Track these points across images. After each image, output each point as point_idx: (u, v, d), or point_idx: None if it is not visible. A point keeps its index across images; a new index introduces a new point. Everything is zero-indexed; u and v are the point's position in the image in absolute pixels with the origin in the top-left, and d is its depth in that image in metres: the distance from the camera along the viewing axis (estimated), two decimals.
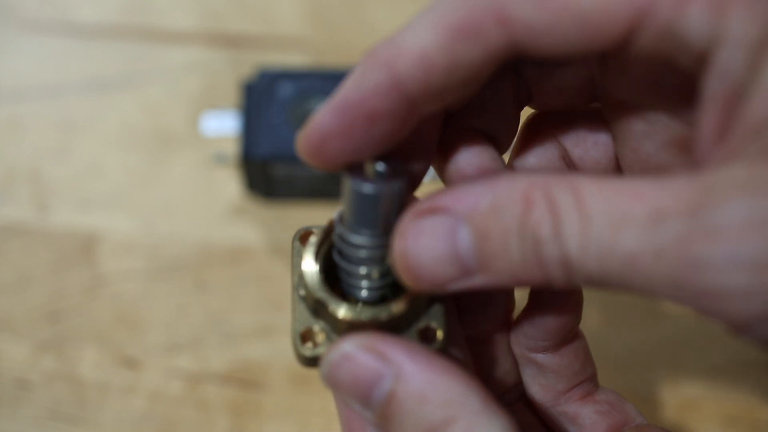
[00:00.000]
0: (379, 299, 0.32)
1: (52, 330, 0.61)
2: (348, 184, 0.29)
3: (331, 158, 0.29)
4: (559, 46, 0.26)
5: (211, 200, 0.66)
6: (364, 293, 0.32)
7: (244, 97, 0.62)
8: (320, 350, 0.31)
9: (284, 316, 0.62)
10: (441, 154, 0.33)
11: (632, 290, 0.25)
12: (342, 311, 0.31)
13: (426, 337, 0.31)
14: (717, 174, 0.24)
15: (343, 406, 0.31)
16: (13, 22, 0.72)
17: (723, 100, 0.25)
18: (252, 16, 0.72)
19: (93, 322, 0.62)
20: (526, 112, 0.35)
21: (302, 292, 0.32)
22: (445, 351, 0.32)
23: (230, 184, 0.66)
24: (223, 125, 0.63)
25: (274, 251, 0.64)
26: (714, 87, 0.25)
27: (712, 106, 0.25)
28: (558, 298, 0.34)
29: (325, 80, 0.62)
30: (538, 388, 0.36)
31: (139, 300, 0.62)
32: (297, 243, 0.33)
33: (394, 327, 0.31)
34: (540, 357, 0.36)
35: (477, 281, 0.27)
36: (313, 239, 0.33)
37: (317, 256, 0.32)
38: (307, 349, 0.31)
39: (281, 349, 0.61)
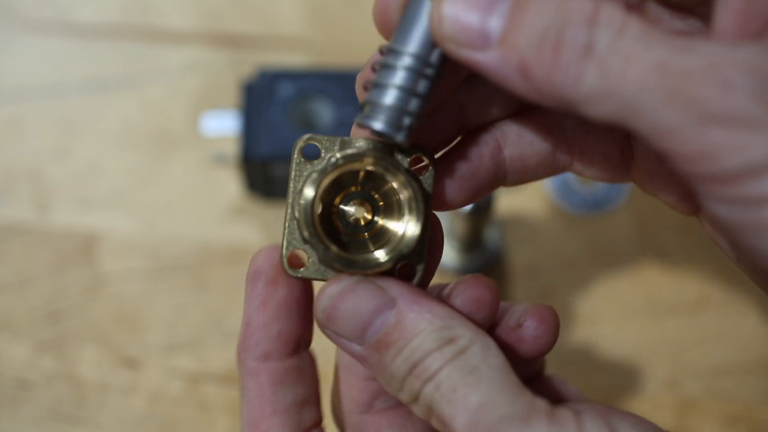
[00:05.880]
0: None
1: (52, 330, 0.61)
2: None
3: None
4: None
5: (211, 200, 0.66)
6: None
7: (244, 97, 0.62)
8: (305, 272, 0.32)
9: None
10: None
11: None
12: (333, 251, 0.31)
13: (405, 274, 0.33)
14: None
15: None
16: (13, 22, 0.72)
17: None
18: (252, 16, 0.72)
19: (93, 322, 0.62)
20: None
21: (297, 215, 0.32)
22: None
23: (230, 184, 0.66)
24: (223, 125, 0.63)
25: None
26: None
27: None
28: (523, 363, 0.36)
29: (325, 80, 0.62)
30: None
31: (139, 300, 0.62)
32: (297, 156, 0.33)
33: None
34: None
35: None
36: (316, 167, 0.33)
37: (319, 186, 0.32)
38: (293, 270, 0.33)
39: None
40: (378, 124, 0.30)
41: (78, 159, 0.67)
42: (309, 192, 0.32)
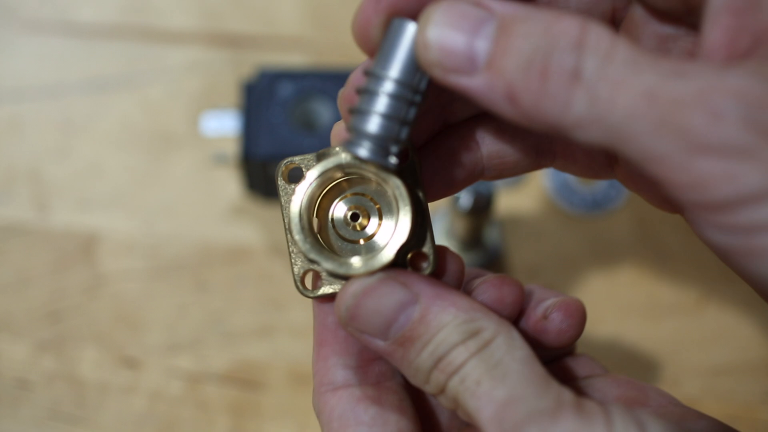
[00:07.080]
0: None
1: (52, 330, 0.61)
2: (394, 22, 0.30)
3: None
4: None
5: (211, 200, 0.66)
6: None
7: (244, 97, 0.62)
8: (322, 290, 0.33)
9: (284, 316, 0.62)
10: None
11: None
12: (334, 266, 0.31)
13: (416, 264, 0.33)
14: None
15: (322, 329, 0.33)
16: (13, 22, 0.72)
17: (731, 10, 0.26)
18: (252, 16, 0.72)
19: (93, 322, 0.62)
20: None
21: (295, 236, 0.32)
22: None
23: (230, 184, 0.66)
24: (223, 125, 0.63)
25: (274, 251, 0.64)
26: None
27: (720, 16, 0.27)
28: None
29: (325, 80, 0.62)
30: None
31: (139, 300, 0.62)
32: (281, 180, 0.33)
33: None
34: None
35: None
36: (300, 185, 0.32)
37: (303, 203, 0.32)
38: (309, 291, 0.33)
39: (281, 349, 0.61)
40: (364, 152, 0.30)
41: (78, 159, 0.67)
42: (299, 211, 0.32)
